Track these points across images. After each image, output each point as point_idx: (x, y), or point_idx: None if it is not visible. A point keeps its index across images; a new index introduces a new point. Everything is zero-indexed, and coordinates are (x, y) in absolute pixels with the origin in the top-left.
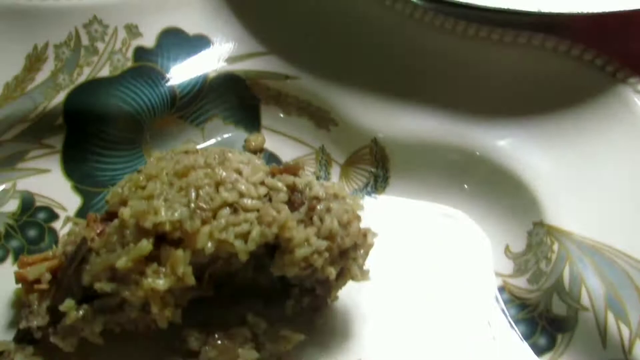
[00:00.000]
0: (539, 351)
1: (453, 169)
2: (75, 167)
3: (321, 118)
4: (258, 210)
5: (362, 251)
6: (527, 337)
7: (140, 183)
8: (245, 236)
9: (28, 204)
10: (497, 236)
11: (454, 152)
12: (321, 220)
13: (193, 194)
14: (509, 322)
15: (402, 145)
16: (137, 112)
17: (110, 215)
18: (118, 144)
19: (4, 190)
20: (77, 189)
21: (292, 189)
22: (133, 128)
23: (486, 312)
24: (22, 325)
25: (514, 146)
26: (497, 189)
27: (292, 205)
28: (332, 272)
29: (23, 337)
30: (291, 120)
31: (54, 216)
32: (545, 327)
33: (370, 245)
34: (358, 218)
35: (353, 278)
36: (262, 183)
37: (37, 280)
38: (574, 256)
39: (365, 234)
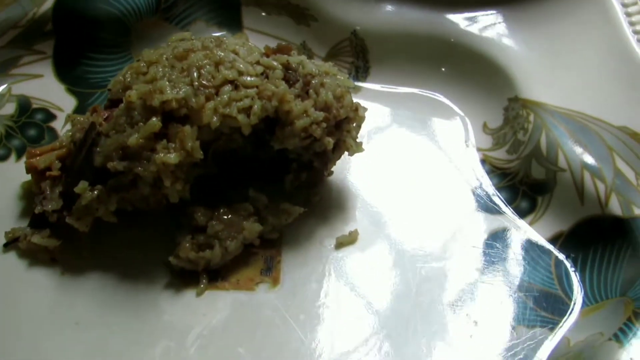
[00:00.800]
0: (521, 214)
1: (430, 55)
2: (67, 71)
3: (300, 14)
4: (257, 87)
5: (354, 124)
6: (510, 202)
7: (141, 69)
8: (247, 110)
9: (25, 106)
10: (475, 114)
11: (429, 39)
12: (317, 93)
13: (195, 73)
14: (492, 190)
15: (380, 36)
16: (124, 15)
17: (113, 103)
18: (107, 47)
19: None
20: (71, 90)
21: (286, 66)
22: (120, 31)
23: (470, 182)
24: (37, 210)
25: (487, 30)
26: (472, 71)
27: (288, 81)
28: (329, 142)
29: (38, 222)
30: (272, 19)
31: (51, 116)
32: (526, 192)
33: (362, 118)
34: (349, 92)
35: (348, 149)
36: (258, 62)
37: (48, 168)
38: (549, 124)
39: (356, 107)
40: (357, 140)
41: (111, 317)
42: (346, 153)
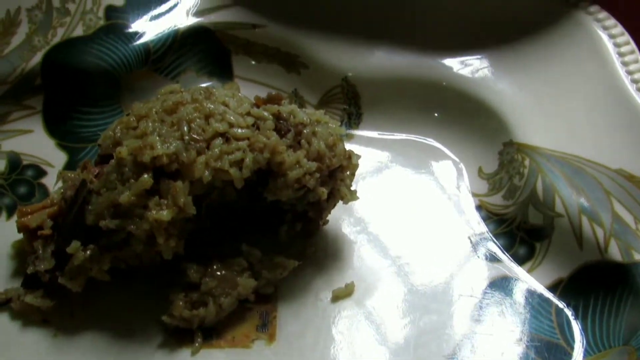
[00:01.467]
0: (519, 261)
1: (422, 100)
2: (57, 125)
3: (291, 63)
4: (249, 139)
5: (348, 172)
6: (508, 249)
7: (131, 124)
8: (239, 163)
9: (15, 163)
10: (469, 160)
11: (421, 84)
12: (309, 143)
13: (185, 127)
14: (489, 237)
15: (372, 82)
16: (113, 68)
17: (104, 158)
18: (97, 100)
19: None
20: (61, 146)
21: (277, 116)
22: (110, 84)
23: (466, 229)
24: (29, 270)
25: (479, 74)
26: (466, 116)
27: (279, 132)
28: (323, 192)
29: (30, 282)
30: (262, 67)
31: (42, 173)
32: (524, 238)
33: (355, 166)
34: (342, 140)
35: (342, 198)
36: (249, 113)
37: (40, 227)
38: (545, 168)
39: (349, 155)
40: (352, 188)
41: None
42: (340, 201)
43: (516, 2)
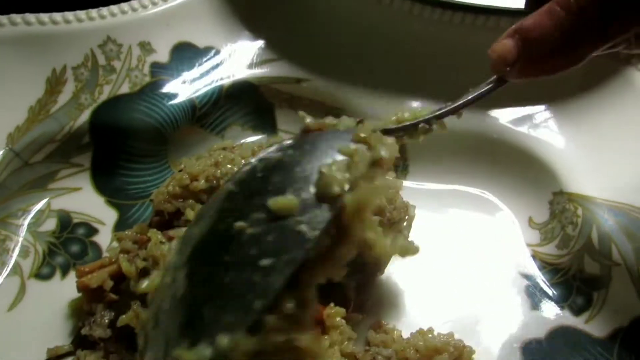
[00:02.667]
0: (577, 311)
1: (470, 150)
2: (106, 182)
3: (335, 116)
4: None
5: (406, 224)
6: (564, 299)
7: (184, 181)
8: None
9: (65, 221)
10: (519, 210)
11: (469, 135)
12: None
13: None
14: (545, 287)
15: None
16: (160, 124)
17: (159, 214)
18: (144, 157)
19: (39, 210)
20: (111, 203)
21: None
22: (157, 140)
23: (521, 280)
24: (84, 331)
25: (529, 126)
26: (515, 167)
27: None
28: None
29: (82, 342)
30: None
31: (93, 231)
32: (581, 287)
33: (412, 218)
34: (399, 193)
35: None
36: None
37: (100, 288)
38: (599, 218)
39: (407, 207)
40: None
41: None
42: None
43: None
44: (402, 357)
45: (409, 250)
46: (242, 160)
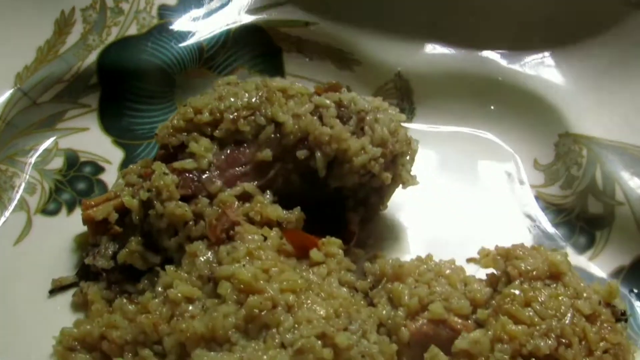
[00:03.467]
0: (580, 250)
1: (476, 93)
2: (113, 123)
3: (343, 59)
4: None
5: (408, 157)
6: (567, 238)
7: (188, 115)
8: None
9: (73, 160)
10: (524, 151)
11: (476, 78)
12: (372, 129)
13: None
14: (549, 226)
15: (425, 77)
16: (167, 66)
17: (164, 147)
18: (151, 97)
19: (46, 149)
20: (118, 143)
21: (338, 104)
22: (164, 82)
23: (525, 219)
24: (88, 260)
25: (534, 68)
26: (520, 108)
27: (341, 119)
28: (387, 177)
29: (86, 273)
30: (314, 65)
31: (99, 169)
32: (584, 227)
33: (415, 151)
34: (402, 126)
35: (403, 183)
36: (310, 100)
37: (105, 220)
38: (603, 158)
39: (409, 141)
40: (411, 173)
41: None
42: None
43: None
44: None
45: (409, 181)
46: (246, 95)
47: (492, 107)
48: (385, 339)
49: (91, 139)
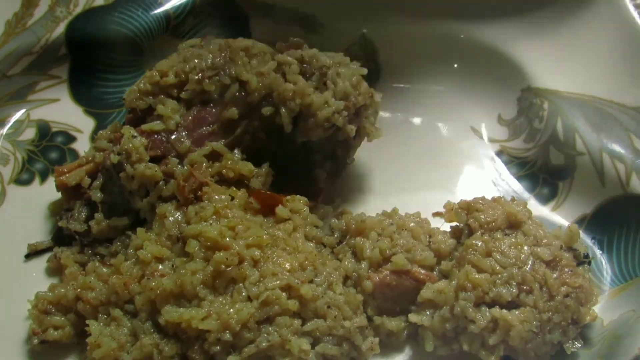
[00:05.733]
0: (543, 200)
1: (440, 52)
2: (83, 93)
3: (309, 22)
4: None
5: (372, 110)
6: (531, 190)
7: (154, 78)
8: None
9: (45, 130)
10: (488, 107)
11: (438, 38)
12: (334, 83)
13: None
14: (512, 179)
15: (389, 37)
16: (135, 35)
17: (132, 111)
18: (121, 67)
19: (18, 120)
20: (89, 112)
21: (300, 61)
22: (133, 51)
23: (489, 173)
24: (61, 223)
25: (496, 26)
26: (483, 66)
27: (304, 75)
28: (352, 129)
29: (60, 237)
30: (280, 29)
31: (71, 138)
32: (547, 179)
33: (378, 104)
34: (364, 79)
35: (368, 135)
36: (273, 58)
37: (78, 186)
38: (565, 110)
39: (372, 94)
40: (375, 125)
41: None
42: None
43: None
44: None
45: (373, 133)
46: (210, 56)
47: (455, 66)
48: (351, 290)
49: (62, 110)
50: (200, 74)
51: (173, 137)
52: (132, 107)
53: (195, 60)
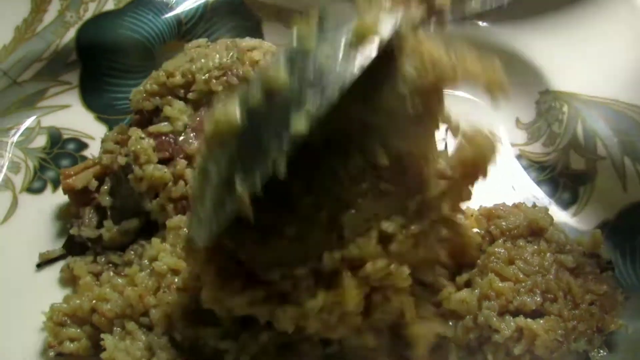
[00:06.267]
0: (564, 206)
1: None
2: (94, 99)
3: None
4: None
5: None
6: (551, 195)
7: (160, 79)
8: None
9: (56, 137)
10: (506, 111)
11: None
12: None
13: None
14: (532, 184)
15: None
16: (147, 40)
17: (139, 113)
18: (132, 72)
19: (28, 128)
20: (100, 118)
21: None
22: (144, 56)
23: (508, 178)
24: (73, 231)
25: (513, 27)
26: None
27: None
28: None
29: (72, 244)
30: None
31: (83, 145)
32: (567, 183)
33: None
34: None
35: None
36: None
37: (85, 189)
38: (584, 113)
39: None
40: None
41: None
42: None
43: None
44: None
45: None
46: (217, 56)
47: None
48: None
49: (73, 116)
50: (207, 74)
51: (181, 138)
52: (139, 108)
53: (202, 60)
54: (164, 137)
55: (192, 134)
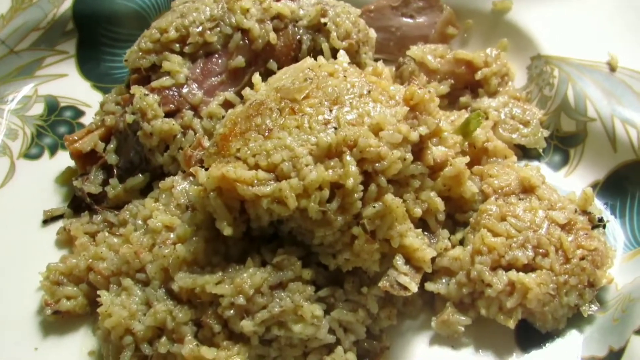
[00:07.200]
0: (556, 167)
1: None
2: (91, 68)
3: None
4: None
5: (369, 46)
6: (543, 157)
7: (154, 36)
8: None
9: (53, 105)
10: None
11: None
12: (335, 24)
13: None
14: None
15: None
16: (142, 9)
17: (136, 72)
18: (128, 41)
19: (26, 96)
20: (97, 87)
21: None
22: (140, 24)
23: None
24: (77, 184)
25: None
26: (493, 35)
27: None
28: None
29: (78, 203)
30: None
31: (80, 113)
32: (558, 145)
33: (373, 38)
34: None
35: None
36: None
37: (93, 151)
38: (575, 76)
39: (367, 29)
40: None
41: None
42: None
43: None
44: None
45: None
46: (207, 8)
47: (465, 35)
48: None
49: (70, 85)
50: (200, 27)
51: (184, 90)
52: (136, 67)
53: (194, 14)
54: (167, 91)
55: (194, 85)
